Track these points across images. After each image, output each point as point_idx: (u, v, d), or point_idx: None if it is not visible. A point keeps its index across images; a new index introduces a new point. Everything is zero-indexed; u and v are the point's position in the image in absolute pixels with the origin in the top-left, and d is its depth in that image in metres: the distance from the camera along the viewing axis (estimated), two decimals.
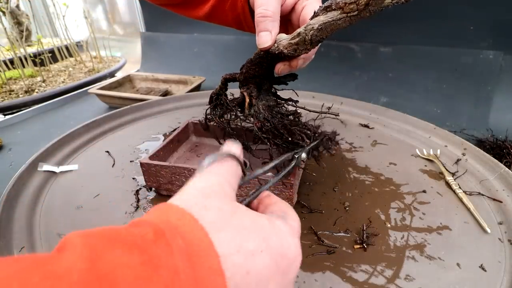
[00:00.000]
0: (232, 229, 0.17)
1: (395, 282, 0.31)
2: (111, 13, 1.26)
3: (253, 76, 0.37)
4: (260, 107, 0.36)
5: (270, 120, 0.35)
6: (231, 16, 0.45)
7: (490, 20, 0.66)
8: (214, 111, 0.41)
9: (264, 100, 0.37)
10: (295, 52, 0.32)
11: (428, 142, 0.55)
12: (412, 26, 0.74)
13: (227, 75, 0.40)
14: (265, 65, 0.36)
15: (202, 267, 0.15)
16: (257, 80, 0.38)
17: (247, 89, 0.38)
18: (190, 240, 0.16)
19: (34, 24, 1.30)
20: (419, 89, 0.74)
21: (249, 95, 0.37)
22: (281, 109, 0.37)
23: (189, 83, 0.87)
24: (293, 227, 0.21)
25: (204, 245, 0.16)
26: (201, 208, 0.17)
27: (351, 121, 0.63)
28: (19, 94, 0.89)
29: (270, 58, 0.35)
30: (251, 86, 0.38)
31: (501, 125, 0.63)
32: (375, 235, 0.37)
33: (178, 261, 0.15)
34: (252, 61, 0.37)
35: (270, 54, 0.34)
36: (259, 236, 0.18)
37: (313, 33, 0.29)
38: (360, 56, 0.81)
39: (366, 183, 0.46)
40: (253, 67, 0.37)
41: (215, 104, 0.42)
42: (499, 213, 0.40)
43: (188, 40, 1.04)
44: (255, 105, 0.37)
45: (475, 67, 0.69)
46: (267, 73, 0.38)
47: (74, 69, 1.11)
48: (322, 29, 0.29)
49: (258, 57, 0.36)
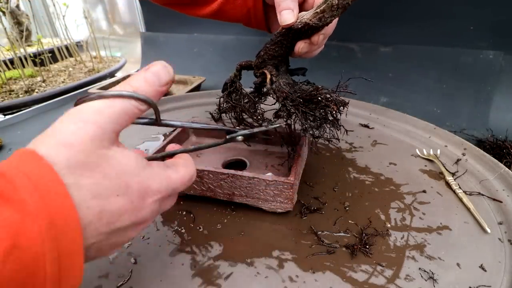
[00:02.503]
0: (90, 175, 0.19)
1: (395, 282, 0.31)
2: (111, 13, 1.26)
3: (272, 57, 0.38)
4: (281, 83, 0.37)
5: (292, 94, 0.35)
6: (241, 11, 0.45)
7: (490, 20, 0.66)
8: (228, 98, 0.42)
9: (283, 78, 0.38)
10: (320, 21, 0.33)
11: (428, 142, 0.55)
12: (412, 26, 0.74)
13: (242, 62, 0.41)
14: (285, 44, 0.37)
15: (53, 203, 0.17)
16: (276, 61, 0.38)
17: (266, 68, 0.38)
18: (38, 180, 0.17)
19: (34, 24, 1.30)
20: (419, 89, 0.74)
21: (270, 72, 0.38)
22: (301, 87, 0.37)
23: (189, 83, 0.87)
24: (179, 172, 0.25)
25: (56, 189, 0.17)
26: (56, 147, 0.19)
27: (351, 121, 0.63)
28: (19, 94, 0.89)
29: (291, 35, 0.36)
30: (269, 66, 0.38)
31: (501, 125, 0.63)
32: (375, 235, 0.37)
33: (25, 194, 0.16)
34: (272, 41, 0.38)
35: (292, 30, 0.35)
36: (120, 182, 0.20)
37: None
38: (360, 56, 0.81)
39: (366, 183, 0.46)
40: (273, 46, 0.37)
41: (229, 91, 0.42)
42: (499, 213, 0.40)
43: (188, 40, 1.04)
44: (276, 81, 0.37)
45: (475, 67, 0.69)
46: (286, 54, 0.38)
47: (74, 69, 1.11)
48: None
49: (280, 35, 0.37)
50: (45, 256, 0.16)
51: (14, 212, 0.16)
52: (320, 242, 0.36)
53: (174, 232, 0.38)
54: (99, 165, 0.19)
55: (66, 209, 0.17)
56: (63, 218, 0.17)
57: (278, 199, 0.38)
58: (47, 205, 0.16)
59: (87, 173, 0.19)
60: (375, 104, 0.66)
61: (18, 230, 0.15)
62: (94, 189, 0.19)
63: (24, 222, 0.16)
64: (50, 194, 0.17)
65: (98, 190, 0.19)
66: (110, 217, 0.20)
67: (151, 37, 1.10)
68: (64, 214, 0.17)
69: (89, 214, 0.19)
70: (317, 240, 0.36)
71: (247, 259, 0.34)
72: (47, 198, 0.17)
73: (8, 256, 0.15)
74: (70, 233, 0.17)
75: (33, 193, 0.16)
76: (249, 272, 0.32)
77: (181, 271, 0.33)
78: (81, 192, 0.18)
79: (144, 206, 0.22)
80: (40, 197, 0.16)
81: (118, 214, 0.20)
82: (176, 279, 0.32)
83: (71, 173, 0.18)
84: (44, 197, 0.17)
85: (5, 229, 0.15)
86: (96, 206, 0.19)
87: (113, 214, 0.20)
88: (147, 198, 0.22)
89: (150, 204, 0.22)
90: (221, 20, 0.49)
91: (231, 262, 0.34)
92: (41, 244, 0.16)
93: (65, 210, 0.17)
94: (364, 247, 0.35)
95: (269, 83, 0.38)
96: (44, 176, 0.17)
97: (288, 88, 0.36)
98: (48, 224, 0.16)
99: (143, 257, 0.34)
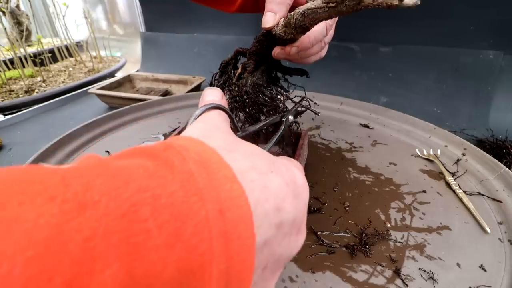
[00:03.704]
0: (241, 152, 0.17)
1: (395, 282, 0.31)
2: (111, 13, 1.26)
3: (254, 53, 0.39)
4: (248, 81, 0.38)
5: (249, 95, 0.37)
6: None
7: (490, 20, 0.66)
8: (219, 78, 0.43)
9: (255, 77, 0.39)
10: (284, 34, 0.34)
11: (428, 142, 0.55)
12: (412, 26, 0.74)
13: (240, 48, 0.42)
14: (265, 45, 0.38)
15: (217, 175, 0.14)
16: (257, 58, 0.39)
17: (246, 62, 0.39)
18: (200, 154, 0.15)
19: (34, 24, 1.30)
20: (419, 89, 0.74)
21: (244, 67, 0.39)
22: (266, 91, 0.39)
23: (189, 83, 0.87)
24: (298, 165, 0.21)
25: (215, 159, 0.15)
26: (206, 137, 0.17)
27: (351, 121, 0.63)
28: (19, 94, 0.89)
29: (270, 39, 0.37)
30: (250, 61, 0.39)
31: (501, 125, 0.63)
32: (375, 235, 0.37)
33: (192, 166, 0.14)
34: (256, 38, 0.39)
35: (270, 35, 0.36)
36: (268, 160, 0.18)
37: (297, 18, 0.31)
38: (360, 56, 0.81)
39: (366, 183, 0.46)
40: (256, 43, 0.39)
41: (222, 71, 0.43)
42: (499, 213, 0.40)
43: (188, 40, 1.04)
44: (243, 78, 0.38)
45: (475, 67, 0.69)
46: (267, 54, 0.39)
47: (74, 69, 1.11)
48: (304, 14, 0.30)
49: (261, 36, 0.38)
50: (212, 249, 0.12)
51: (183, 178, 0.13)
52: (320, 242, 0.36)
53: None
54: (238, 144, 0.18)
55: (228, 179, 0.14)
56: (230, 199, 0.14)
57: None
58: (212, 180, 0.14)
59: (235, 150, 0.17)
60: (375, 104, 0.66)
61: (182, 210, 0.12)
62: (250, 161, 0.16)
63: (188, 202, 0.13)
64: (215, 172, 0.14)
65: (254, 163, 0.16)
66: (276, 198, 0.16)
67: (151, 37, 1.10)
68: (230, 193, 0.14)
69: (254, 187, 0.15)
70: (317, 240, 0.36)
71: None
72: (212, 174, 0.14)
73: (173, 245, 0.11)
74: (237, 210, 0.13)
75: (201, 168, 0.14)
76: None
77: None
78: (236, 163, 0.15)
79: (300, 197, 0.18)
80: (207, 173, 0.14)
81: (281, 197, 0.16)
82: None
83: (228, 152, 0.16)
84: (210, 173, 0.14)
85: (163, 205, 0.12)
86: (258, 179, 0.16)
87: (277, 194, 0.16)
88: (299, 188, 0.18)
89: (305, 198, 0.19)
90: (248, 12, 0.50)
91: None
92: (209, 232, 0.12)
93: (228, 180, 0.14)
94: (364, 247, 0.35)
95: (236, 77, 0.39)
96: (209, 154, 0.15)
97: (249, 88, 0.38)
98: (216, 204, 0.13)
99: None
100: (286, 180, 0.17)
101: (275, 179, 0.17)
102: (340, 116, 0.65)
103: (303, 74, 0.42)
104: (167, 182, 0.13)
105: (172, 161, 0.14)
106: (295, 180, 0.18)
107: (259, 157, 0.17)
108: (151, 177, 0.12)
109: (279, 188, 0.16)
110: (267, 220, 0.15)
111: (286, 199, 0.17)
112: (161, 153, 0.14)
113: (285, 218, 0.16)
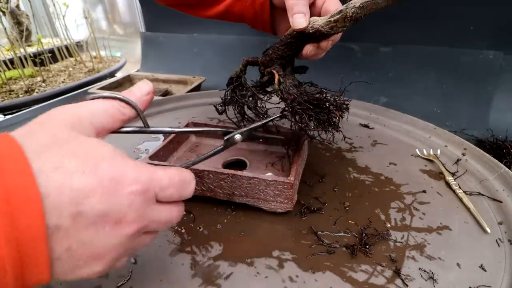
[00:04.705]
0: (61, 151, 0.19)
1: (395, 282, 0.31)
2: (111, 13, 1.26)
3: (280, 57, 0.39)
4: (288, 84, 0.38)
5: (298, 96, 0.36)
6: (247, 13, 0.46)
7: (490, 20, 0.66)
8: (232, 93, 0.43)
9: (290, 79, 0.39)
10: (332, 30, 0.34)
11: (428, 142, 0.55)
12: (412, 26, 0.74)
13: (249, 58, 0.42)
14: (294, 46, 0.38)
15: (13, 181, 0.16)
16: (283, 61, 0.39)
17: (274, 68, 0.39)
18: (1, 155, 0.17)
19: (34, 24, 1.30)
20: (419, 89, 0.74)
21: (278, 73, 0.39)
22: (305, 89, 0.39)
23: (189, 83, 0.87)
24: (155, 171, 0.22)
25: (14, 157, 0.17)
26: (34, 133, 0.19)
27: (351, 121, 0.63)
28: (19, 94, 0.89)
29: (301, 39, 0.37)
30: (277, 66, 0.39)
31: (501, 125, 0.63)
32: (375, 235, 0.37)
33: None
34: (281, 41, 0.38)
35: (303, 34, 0.36)
36: (88, 160, 0.19)
37: (354, 10, 0.32)
38: (360, 56, 0.81)
39: (366, 183, 0.46)
40: (282, 47, 0.38)
41: (235, 86, 0.42)
42: (499, 213, 0.40)
43: (188, 40, 1.04)
44: (283, 82, 0.38)
45: (475, 67, 0.69)
46: (293, 55, 0.39)
47: (74, 69, 1.11)
48: (363, 7, 0.32)
49: (290, 38, 0.37)
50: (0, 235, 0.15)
51: None
52: (320, 242, 0.36)
53: (174, 232, 0.38)
54: (68, 142, 0.19)
55: (23, 175, 0.16)
56: (20, 186, 0.16)
57: (278, 199, 0.38)
58: (2, 171, 0.16)
59: (54, 149, 0.18)
60: (375, 104, 0.66)
61: None
62: (56, 162, 0.18)
63: None
64: (7, 162, 0.16)
65: (62, 164, 0.18)
66: (74, 196, 0.18)
67: (151, 37, 1.10)
68: (21, 181, 0.16)
69: (49, 186, 0.17)
70: (317, 240, 0.36)
71: (247, 259, 0.34)
72: (3, 165, 0.16)
73: None
74: (27, 202, 0.16)
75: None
76: (249, 272, 0.32)
77: (181, 271, 0.33)
78: (42, 162, 0.17)
79: (118, 193, 0.20)
80: None
81: (83, 193, 0.18)
82: (176, 279, 0.32)
83: (36, 150, 0.18)
84: (4, 175, 0.16)
85: None
86: (58, 179, 0.18)
87: (78, 192, 0.18)
88: (122, 185, 0.20)
89: (127, 194, 0.20)
90: (228, 21, 0.50)
91: (231, 262, 0.34)
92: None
93: (22, 176, 0.16)
94: (364, 247, 0.35)
95: (277, 83, 0.39)
96: (6, 148, 0.17)
97: (295, 90, 0.37)
98: (2, 189, 0.15)
99: (143, 257, 0.34)
100: (101, 179, 0.19)
101: (81, 178, 0.18)
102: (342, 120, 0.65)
103: (306, 70, 0.42)
104: None
105: None
106: (120, 180, 0.20)
107: (77, 158, 0.19)
108: None
109: (83, 185, 0.18)
110: (58, 210, 0.17)
111: (92, 196, 0.18)
112: None
113: (85, 210, 0.18)
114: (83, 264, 0.19)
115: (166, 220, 0.23)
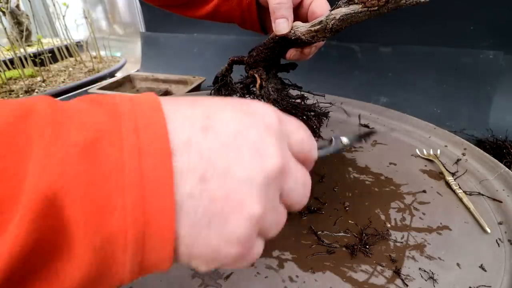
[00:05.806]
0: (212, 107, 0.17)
1: (395, 282, 0.31)
2: (111, 13, 1.26)
3: (263, 59, 0.39)
4: (269, 89, 0.38)
5: (279, 102, 0.37)
6: (235, 13, 0.46)
7: (490, 20, 0.66)
8: (218, 93, 0.42)
9: (272, 83, 0.39)
10: (313, 39, 0.34)
11: (428, 142, 0.55)
12: (412, 26, 0.73)
13: (235, 57, 0.42)
14: (277, 50, 0.38)
15: (142, 106, 0.16)
16: (266, 64, 0.39)
17: (257, 71, 0.39)
18: (138, 101, 0.16)
19: (34, 24, 1.30)
20: (419, 89, 0.74)
21: (260, 77, 0.39)
22: (288, 93, 0.39)
23: (189, 83, 0.87)
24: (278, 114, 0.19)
25: (151, 102, 0.16)
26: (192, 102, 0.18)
27: (351, 121, 0.63)
28: (19, 94, 0.89)
29: (284, 44, 0.37)
30: (260, 69, 0.39)
31: (501, 125, 0.63)
32: (375, 235, 0.37)
33: (123, 107, 0.16)
34: (265, 45, 0.38)
35: (286, 40, 0.36)
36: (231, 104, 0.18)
37: (334, 23, 0.32)
38: (360, 56, 0.81)
39: (366, 183, 0.46)
40: (266, 50, 0.38)
41: (220, 85, 0.42)
42: (499, 213, 0.40)
43: (188, 40, 1.04)
44: (265, 87, 0.38)
45: (475, 67, 0.69)
46: (277, 58, 0.39)
47: (74, 69, 1.11)
48: (344, 19, 0.31)
49: (273, 42, 0.37)
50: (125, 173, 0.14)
51: (103, 114, 0.15)
52: (320, 242, 0.36)
53: None
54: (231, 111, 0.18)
55: (155, 122, 0.15)
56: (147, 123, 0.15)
57: None
58: (137, 116, 0.15)
59: (204, 106, 0.17)
60: (375, 104, 0.66)
61: (101, 127, 0.14)
62: (200, 109, 0.17)
63: (110, 123, 0.15)
64: (141, 103, 0.16)
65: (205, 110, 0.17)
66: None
67: (151, 37, 1.10)
68: (149, 119, 0.15)
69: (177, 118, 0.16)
70: (317, 240, 0.36)
71: None
72: (137, 105, 0.16)
73: (86, 152, 0.13)
74: (151, 130, 0.15)
75: (127, 102, 0.16)
76: (249, 272, 0.32)
77: (181, 271, 0.33)
78: (183, 108, 0.17)
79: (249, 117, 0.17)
80: (132, 104, 0.16)
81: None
82: (176, 279, 0.32)
83: (188, 105, 0.17)
84: (134, 104, 0.16)
85: (88, 124, 0.14)
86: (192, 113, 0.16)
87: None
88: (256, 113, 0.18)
89: (263, 125, 0.17)
90: (217, 21, 0.50)
91: None
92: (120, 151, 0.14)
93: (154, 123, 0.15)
94: (364, 247, 0.35)
95: (258, 88, 0.39)
96: (148, 100, 0.16)
97: (275, 95, 0.37)
98: (134, 129, 0.14)
99: None
100: (241, 109, 0.17)
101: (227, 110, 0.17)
102: (340, 116, 0.65)
103: (294, 67, 0.42)
104: (95, 112, 0.15)
105: (101, 101, 0.16)
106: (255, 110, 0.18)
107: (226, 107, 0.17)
108: (80, 110, 0.15)
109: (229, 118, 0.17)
110: (188, 124, 0.16)
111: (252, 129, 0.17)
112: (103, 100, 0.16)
113: (216, 127, 0.16)
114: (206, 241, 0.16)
115: (303, 178, 0.20)
